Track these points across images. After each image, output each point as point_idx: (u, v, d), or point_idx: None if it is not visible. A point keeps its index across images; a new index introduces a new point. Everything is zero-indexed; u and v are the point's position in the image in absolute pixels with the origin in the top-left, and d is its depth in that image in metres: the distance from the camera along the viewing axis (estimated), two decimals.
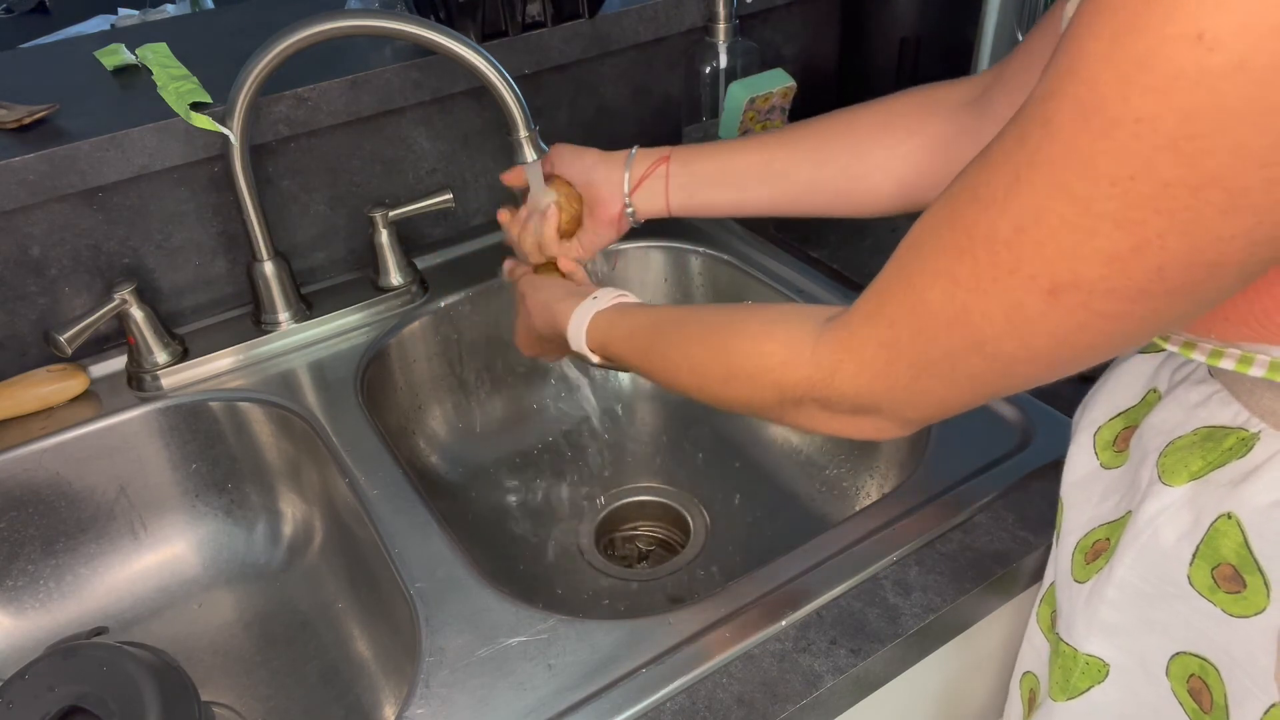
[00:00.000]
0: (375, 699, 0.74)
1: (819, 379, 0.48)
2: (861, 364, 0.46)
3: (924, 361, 0.43)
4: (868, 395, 0.46)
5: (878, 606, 0.60)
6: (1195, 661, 0.49)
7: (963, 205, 0.39)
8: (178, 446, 0.82)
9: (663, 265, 0.98)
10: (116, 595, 0.82)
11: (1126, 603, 0.51)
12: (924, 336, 0.42)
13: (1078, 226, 0.34)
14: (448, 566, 0.64)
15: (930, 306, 0.41)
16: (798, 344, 0.49)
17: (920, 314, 0.42)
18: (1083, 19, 0.33)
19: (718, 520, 0.88)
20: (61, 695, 0.58)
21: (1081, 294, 0.35)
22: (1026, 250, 0.36)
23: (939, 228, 0.41)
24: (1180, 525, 0.47)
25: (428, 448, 0.92)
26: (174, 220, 0.85)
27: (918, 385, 0.44)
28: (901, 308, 0.43)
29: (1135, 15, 0.31)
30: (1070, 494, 0.55)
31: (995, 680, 0.73)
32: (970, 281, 0.39)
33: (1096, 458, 0.54)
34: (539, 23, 0.92)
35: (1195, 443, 0.47)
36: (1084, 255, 0.34)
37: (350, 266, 0.95)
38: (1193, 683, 0.50)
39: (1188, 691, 0.50)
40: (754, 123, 0.99)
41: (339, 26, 0.72)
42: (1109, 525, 0.52)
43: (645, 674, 0.56)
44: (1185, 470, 0.47)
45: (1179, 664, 0.50)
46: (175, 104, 0.79)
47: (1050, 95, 0.34)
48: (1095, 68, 0.32)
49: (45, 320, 0.83)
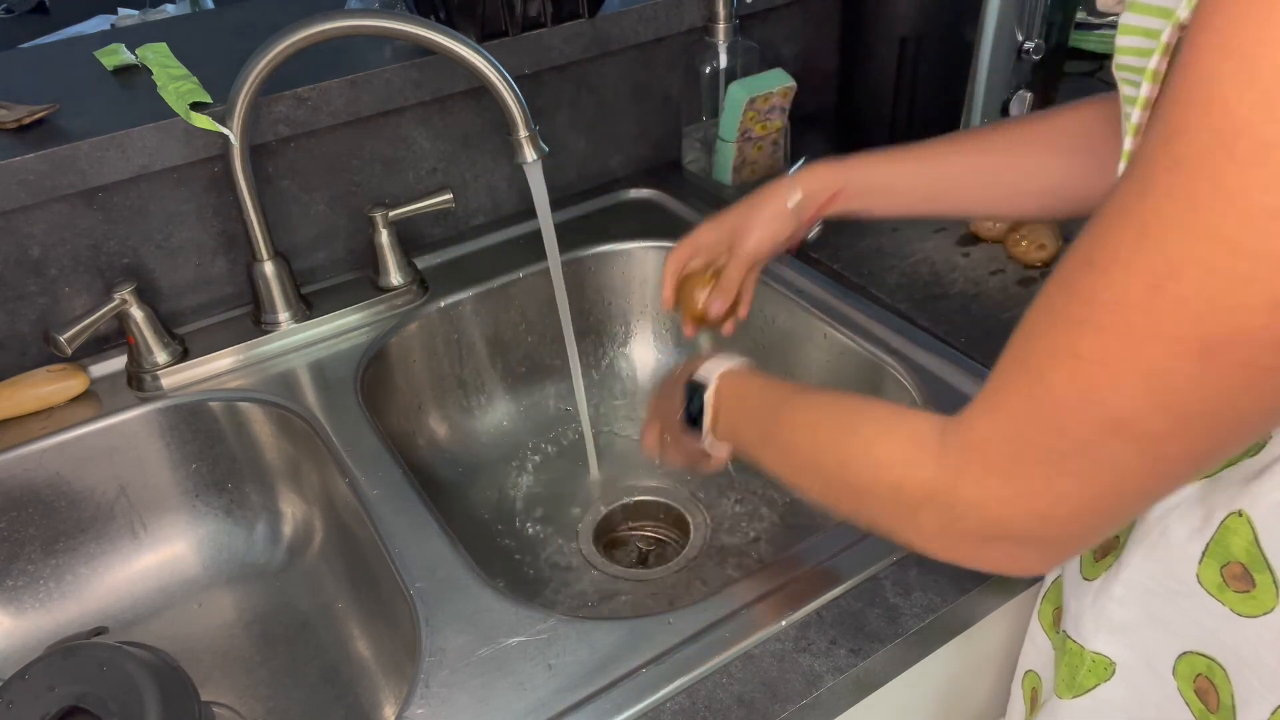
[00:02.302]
0: (375, 699, 0.74)
1: (943, 482, 0.41)
2: (988, 465, 0.40)
3: (1054, 456, 0.37)
4: (995, 506, 0.40)
5: (878, 606, 0.60)
6: (1203, 661, 0.49)
7: (1078, 276, 0.35)
8: (178, 446, 0.82)
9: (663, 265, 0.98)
10: (116, 595, 0.82)
11: (1134, 600, 0.51)
12: (1050, 426, 0.37)
13: (1232, 273, 0.30)
14: (448, 566, 0.64)
15: (1053, 391, 0.36)
16: (924, 438, 0.43)
17: (1042, 400, 0.37)
18: (1201, 40, 0.30)
19: (717, 520, 0.88)
20: (61, 695, 0.58)
21: (1241, 349, 0.31)
22: (1166, 309, 0.32)
23: (1052, 303, 0.36)
24: (1191, 523, 0.47)
25: (428, 448, 0.92)
26: (174, 220, 0.85)
27: (1053, 490, 0.38)
28: (1020, 394, 0.38)
29: (1268, 23, 0.28)
30: None
31: (995, 680, 0.73)
32: (1096, 354, 0.34)
33: None
34: (539, 23, 0.92)
35: None
36: (1241, 305, 0.31)
37: (350, 266, 0.95)
38: (1199, 682, 0.50)
39: (1194, 691, 0.50)
40: (754, 123, 0.99)
41: (339, 26, 0.72)
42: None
43: (645, 674, 0.56)
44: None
45: (1186, 663, 0.50)
46: (175, 104, 0.79)
47: (1176, 134, 0.31)
48: (1231, 90, 0.29)
49: (45, 320, 0.83)
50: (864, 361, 0.83)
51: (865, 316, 0.84)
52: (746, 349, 0.96)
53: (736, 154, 1.01)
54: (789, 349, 0.91)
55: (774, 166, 1.05)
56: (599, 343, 1.01)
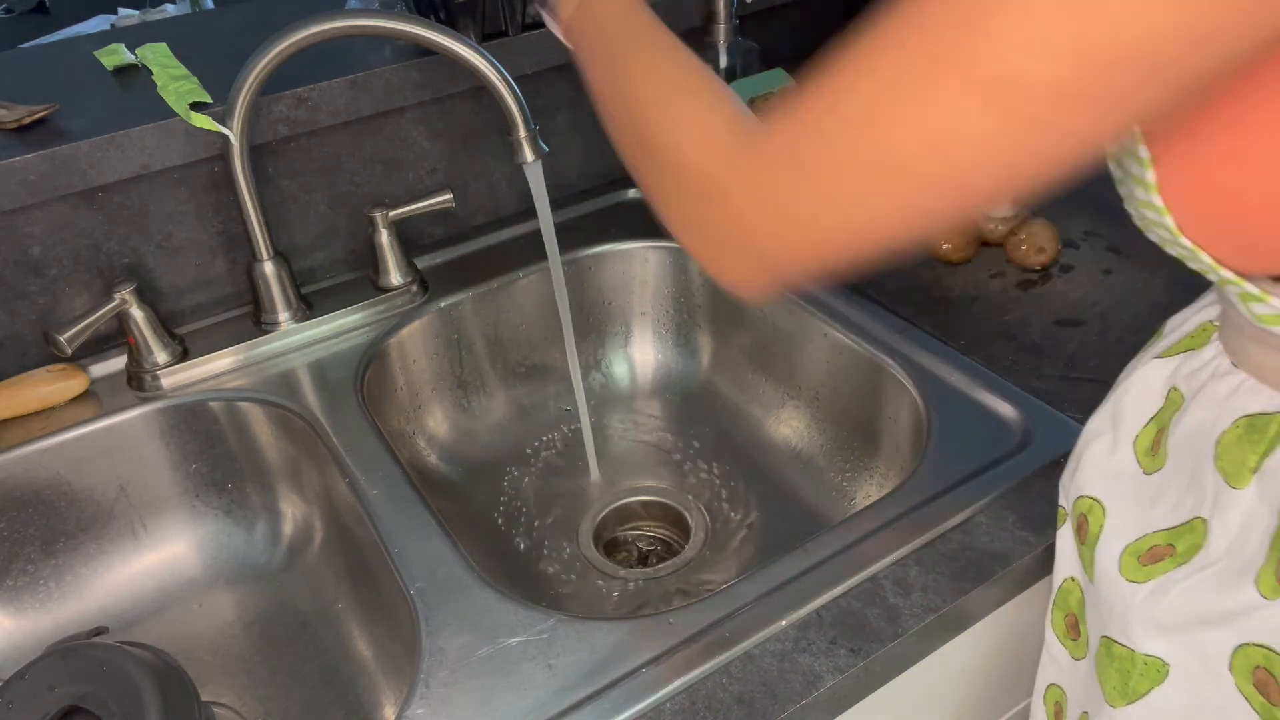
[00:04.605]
0: (375, 699, 0.74)
1: (726, 179, 0.43)
2: (770, 177, 0.41)
3: (828, 185, 0.39)
4: (758, 216, 0.42)
5: (878, 606, 0.60)
6: (1259, 652, 0.47)
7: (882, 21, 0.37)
8: (178, 446, 0.82)
9: (663, 265, 0.98)
10: (116, 595, 0.82)
11: (1186, 605, 0.50)
12: (833, 156, 0.39)
13: (1013, 11, 0.32)
14: (448, 566, 0.64)
15: (844, 123, 0.38)
16: (735, 133, 0.44)
17: (832, 130, 0.38)
18: None
19: (717, 520, 0.88)
20: (61, 695, 0.58)
21: (1020, 96, 0.33)
22: (951, 51, 0.34)
23: (860, 42, 0.38)
24: (1261, 524, 0.46)
25: (428, 448, 0.92)
26: (174, 220, 0.85)
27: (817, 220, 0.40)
28: (815, 118, 0.39)
29: None
30: (1113, 500, 0.54)
31: (996, 680, 0.73)
32: (887, 95, 0.36)
33: (1138, 463, 0.53)
34: (539, 23, 0.92)
35: (1240, 437, 0.46)
36: (1023, 44, 0.32)
37: (350, 266, 0.95)
38: (1258, 675, 0.48)
39: (1254, 685, 0.48)
40: None
41: (339, 26, 0.72)
42: (1169, 531, 0.51)
43: (645, 674, 0.56)
44: (1245, 469, 0.45)
45: (1242, 656, 0.48)
46: (175, 104, 0.79)
47: None
48: None
49: (45, 320, 0.83)
50: (864, 361, 0.83)
51: (865, 317, 0.84)
52: (746, 349, 0.96)
53: None
54: (789, 349, 0.91)
55: None
56: (599, 343, 1.01)
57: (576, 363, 0.86)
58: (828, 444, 0.90)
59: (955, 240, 0.90)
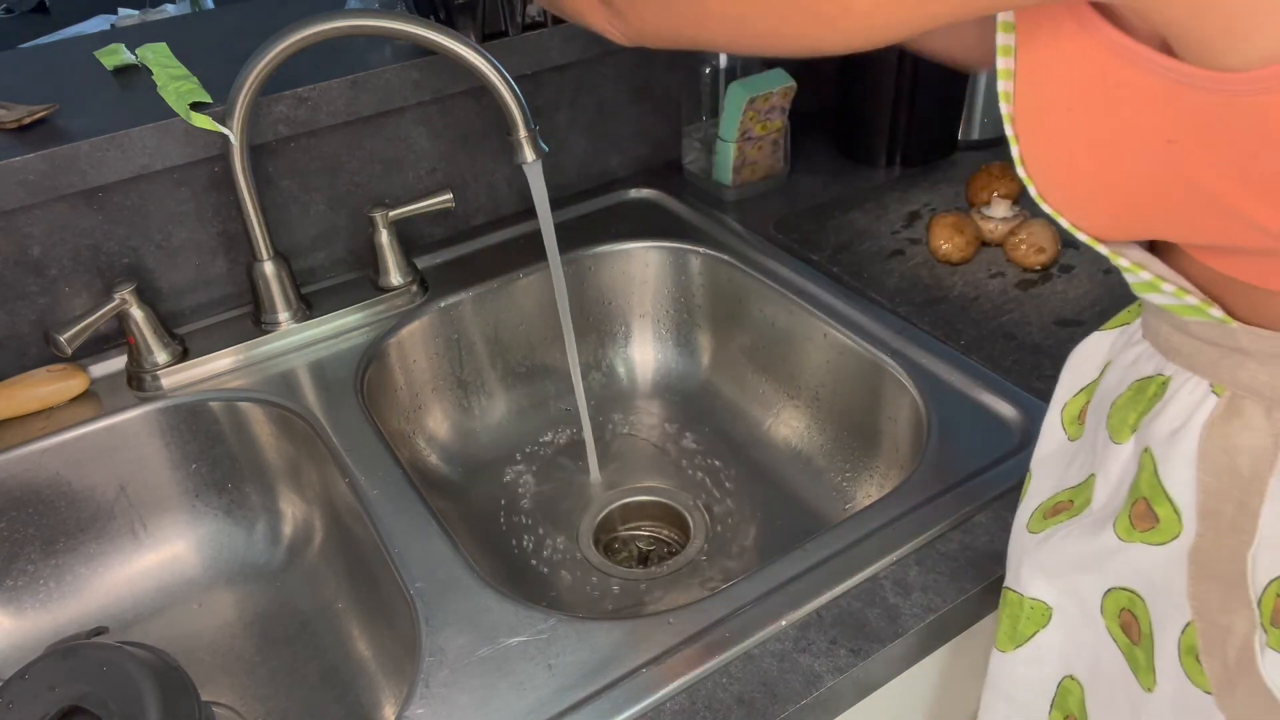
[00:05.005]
0: (375, 699, 0.74)
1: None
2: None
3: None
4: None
5: (878, 606, 0.60)
6: (1125, 595, 0.50)
7: None
8: (178, 446, 0.82)
9: (663, 265, 0.98)
10: (116, 595, 0.82)
11: (1067, 548, 0.52)
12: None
13: None
14: (448, 566, 0.64)
15: None
16: None
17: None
18: None
19: (717, 520, 0.88)
20: (61, 695, 0.58)
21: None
22: None
23: None
24: (1131, 475, 0.49)
25: (428, 448, 0.92)
26: (174, 220, 0.85)
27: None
28: None
29: None
30: (1039, 467, 0.57)
31: None
32: None
33: (1064, 432, 0.56)
34: (539, 23, 0.92)
35: (1130, 398, 0.49)
36: None
37: (350, 266, 0.95)
38: (1124, 617, 0.51)
39: (1120, 626, 0.51)
40: (754, 122, 0.99)
41: (339, 26, 0.72)
42: (1072, 489, 0.54)
43: (645, 674, 0.56)
44: (1126, 426, 0.48)
45: (1112, 599, 0.51)
46: (175, 104, 0.79)
47: None
48: None
49: (45, 320, 0.83)
50: (864, 361, 0.83)
51: (865, 316, 0.84)
52: (746, 349, 0.96)
53: (736, 154, 1.01)
54: (789, 349, 0.91)
55: (774, 166, 1.05)
56: (599, 343, 1.01)
57: (576, 363, 0.86)
58: (828, 444, 0.90)
59: (955, 240, 0.90)
